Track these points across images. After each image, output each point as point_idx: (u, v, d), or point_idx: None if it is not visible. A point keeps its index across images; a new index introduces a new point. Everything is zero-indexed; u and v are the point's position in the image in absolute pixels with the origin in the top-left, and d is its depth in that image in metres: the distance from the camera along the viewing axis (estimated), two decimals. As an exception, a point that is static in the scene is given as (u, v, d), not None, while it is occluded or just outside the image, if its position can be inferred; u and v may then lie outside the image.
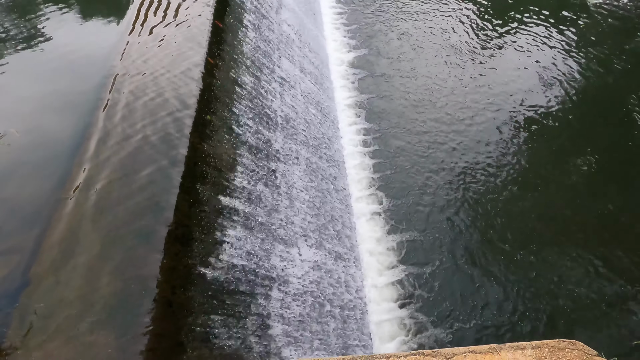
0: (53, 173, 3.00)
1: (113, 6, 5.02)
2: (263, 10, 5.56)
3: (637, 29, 8.26)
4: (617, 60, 7.48)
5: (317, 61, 6.59)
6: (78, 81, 3.97)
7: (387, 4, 8.80)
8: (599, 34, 8.07)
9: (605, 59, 7.47)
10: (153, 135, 2.97)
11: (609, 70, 7.29)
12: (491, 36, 8.00)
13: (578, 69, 7.24)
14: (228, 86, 3.83)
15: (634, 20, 8.48)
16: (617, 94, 6.88)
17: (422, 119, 6.30)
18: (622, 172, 5.59)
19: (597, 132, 6.23)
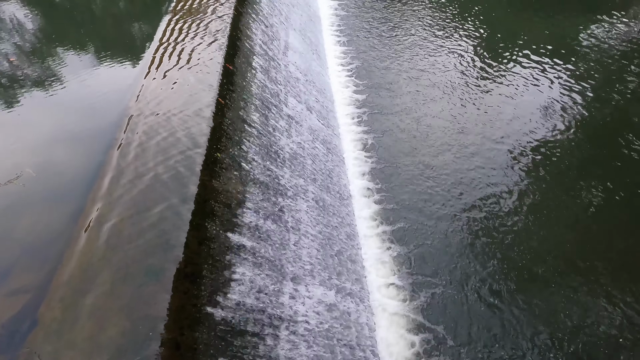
0: (66, 210, 3.07)
1: (130, 52, 5.33)
2: (271, 53, 5.86)
3: (628, 62, 8.52)
4: (614, 91, 7.67)
5: (322, 99, 6.82)
6: (94, 121, 4.15)
7: (388, 45, 9.22)
8: (593, 67, 8.33)
9: (602, 91, 7.66)
10: (165, 174, 3.05)
11: (607, 102, 7.45)
12: (489, 72, 8.27)
13: (577, 102, 7.41)
14: (238, 125, 3.97)
15: (627, 53, 8.77)
16: (616, 125, 6.99)
17: (425, 153, 6.39)
18: (627, 203, 5.57)
19: (601, 164, 6.26)
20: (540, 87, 7.80)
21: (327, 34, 9.60)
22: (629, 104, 7.47)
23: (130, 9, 6.97)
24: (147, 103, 3.84)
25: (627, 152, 6.38)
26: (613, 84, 7.92)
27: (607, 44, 9.12)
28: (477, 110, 7.28)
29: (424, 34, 9.55)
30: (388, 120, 7.06)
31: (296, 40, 7.34)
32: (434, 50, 8.94)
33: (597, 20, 10.05)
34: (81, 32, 5.95)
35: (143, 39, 5.51)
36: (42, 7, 6.76)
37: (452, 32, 9.62)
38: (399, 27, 9.84)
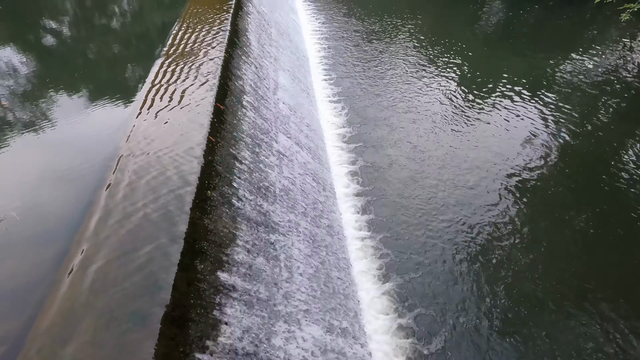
0: (50, 254, 2.97)
1: (122, 94, 5.43)
2: (261, 92, 6.04)
3: (601, 95, 8.99)
4: (592, 122, 8.02)
5: (312, 134, 6.96)
6: (83, 162, 4.13)
7: (374, 81, 9.61)
8: (569, 100, 8.76)
9: (580, 122, 8.00)
10: (154, 213, 3.01)
11: (585, 132, 7.77)
12: (472, 106, 8.62)
13: (557, 133, 7.71)
14: (228, 162, 4.00)
15: (599, 86, 9.28)
16: (598, 154, 7.24)
17: (414, 185, 6.47)
18: (615, 228, 5.67)
19: (587, 191, 6.42)
20: (521, 119, 8.12)
21: (316, 73, 9.98)
22: (607, 133, 7.81)
23: (124, 53, 7.20)
24: (137, 143, 3.86)
25: (610, 179, 6.58)
26: (590, 115, 8.31)
27: (580, 78, 9.68)
28: (463, 142, 7.50)
29: (407, 71, 10.01)
30: (376, 153, 7.20)
31: (285, 79, 7.61)
32: (417, 87, 9.33)
33: (567, 56, 10.72)
34: (75, 75, 6.07)
35: (135, 81, 5.64)
36: (37, 52, 6.93)
37: (433, 69, 10.11)
38: (383, 65, 10.31)
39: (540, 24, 13.35)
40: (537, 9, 14.30)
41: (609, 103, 8.76)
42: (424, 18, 13.53)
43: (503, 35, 12.75)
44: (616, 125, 8.15)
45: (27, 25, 8.04)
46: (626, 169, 6.78)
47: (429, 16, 13.90)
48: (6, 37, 7.38)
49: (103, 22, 8.50)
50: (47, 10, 8.94)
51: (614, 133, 7.88)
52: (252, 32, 7.47)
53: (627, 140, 7.69)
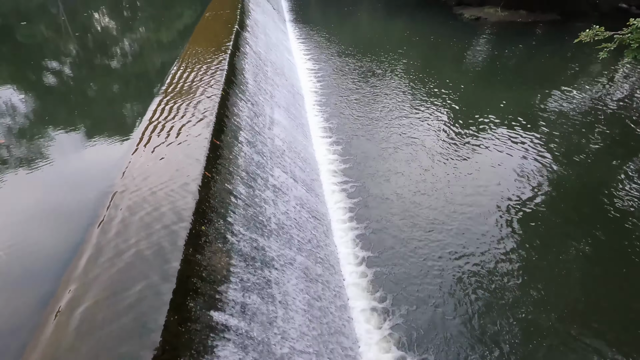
0: (36, 294, 2.87)
1: (120, 131, 5.51)
2: (257, 128, 6.15)
3: (587, 128, 9.26)
4: (580, 154, 8.19)
5: (307, 168, 7.02)
6: (77, 198, 4.10)
7: (367, 117, 9.86)
8: (556, 132, 9.00)
9: (568, 153, 8.17)
10: (147, 250, 2.95)
11: (574, 163, 7.91)
12: (462, 139, 8.81)
13: (547, 164, 7.84)
14: (224, 197, 3.98)
15: (584, 119, 9.59)
16: (588, 185, 7.33)
17: (409, 218, 6.45)
18: (612, 256, 5.64)
19: (580, 222, 6.43)
20: (513, 150, 8.29)
21: (310, 109, 10.25)
22: (598, 162, 7.96)
23: (124, 91, 7.39)
24: (132, 179, 3.86)
25: (605, 207, 6.61)
26: (579, 146, 8.51)
27: (566, 110, 10.01)
28: (456, 173, 7.58)
29: (399, 106, 10.31)
30: (371, 186, 7.24)
31: (281, 115, 7.79)
32: (409, 122, 9.57)
33: (553, 90, 11.15)
34: (74, 113, 6.18)
35: (133, 118, 5.75)
36: (38, 91, 7.09)
37: (424, 103, 10.43)
38: (375, 101, 10.63)
39: (525, 61, 14.00)
40: (522, 48, 15.06)
41: (597, 134, 9.01)
42: (413, 56, 14.16)
43: (490, 72, 13.32)
44: (606, 154, 8.33)
45: (31, 66, 8.28)
46: (619, 197, 6.85)
47: (417, 54, 14.56)
48: (9, 78, 7.58)
49: (105, 62, 8.79)
50: (51, 52, 9.27)
51: (604, 162, 8.04)
52: (248, 71, 7.74)
53: (618, 169, 7.84)
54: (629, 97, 11.03)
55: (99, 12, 13.40)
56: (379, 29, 18.15)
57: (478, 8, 19.51)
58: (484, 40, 16.38)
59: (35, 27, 10.79)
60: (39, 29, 10.67)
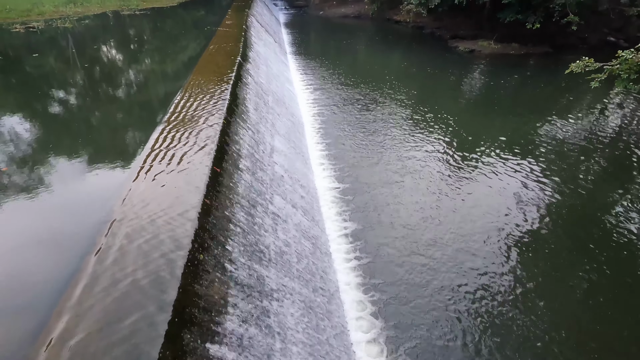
0: (27, 325, 2.78)
1: (122, 158, 5.56)
2: (257, 155, 6.22)
3: (584, 155, 9.36)
4: (578, 180, 8.22)
5: (307, 196, 7.02)
6: (75, 226, 4.07)
7: (365, 144, 9.99)
8: (554, 160, 9.08)
9: (567, 180, 8.20)
10: (143, 279, 2.89)
11: (573, 189, 7.93)
12: (461, 167, 8.88)
13: (546, 191, 7.86)
14: (223, 224, 3.96)
15: (581, 147, 9.70)
16: (587, 211, 7.32)
17: (409, 245, 6.38)
18: (616, 284, 5.53)
19: (583, 245, 6.37)
20: (511, 178, 8.33)
21: (310, 137, 10.39)
22: (595, 189, 7.98)
23: (127, 120, 7.52)
24: (132, 206, 3.85)
25: (604, 234, 6.56)
26: (576, 172, 8.56)
27: (562, 138, 10.16)
28: (455, 203, 7.58)
29: (398, 135, 10.47)
30: (371, 213, 7.21)
31: (281, 143, 7.89)
32: (407, 150, 9.68)
33: (549, 119, 11.37)
34: (78, 141, 6.27)
35: (136, 146, 5.82)
36: (43, 120, 7.22)
37: (422, 132, 10.59)
38: (374, 129, 10.81)
39: (520, 90, 14.37)
40: (517, 78, 15.51)
41: (594, 161, 9.09)
42: (411, 86, 14.55)
43: (487, 101, 13.63)
44: (604, 181, 8.37)
45: (37, 95, 8.49)
46: (619, 223, 6.81)
47: (415, 84, 14.96)
48: (15, 107, 7.74)
49: (110, 92, 9.02)
50: (58, 82, 9.53)
51: (603, 189, 8.06)
52: (250, 100, 7.92)
53: (616, 196, 7.84)
54: (623, 124, 11.24)
55: (107, 45, 13.91)
56: (376, 61, 18.76)
57: (472, 41, 20.27)
58: (479, 71, 16.89)
59: (44, 58, 11.16)
60: (48, 60, 11.02)
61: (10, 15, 16.18)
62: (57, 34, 14.25)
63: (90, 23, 16.38)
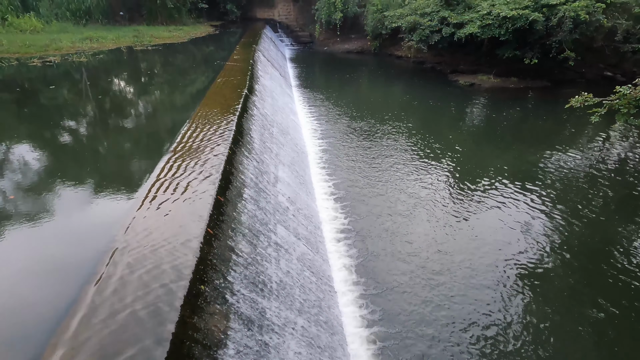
0: (20, 358, 2.70)
1: (127, 187, 5.61)
2: (261, 185, 6.25)
3: (589, 186, 9.31)
4: (586, 212, 8.12)
5: (310, 226, 6.97)
6: (76, 255, 4.04)
7: (369, 175, 10.04)
8: (559, 191, 9.02)
9: (574, 212, 8.11)
10: (142, 310, 2.83)
11: (584, 219, 7.82)
12: (465, 197, 8.84)
13: (552, 223, 7.75)
14: (225, 254, 3.92)
15: (587, 178, 9.67)
16: (596, 244, 7.17)
17: (415, 277, 6.24)
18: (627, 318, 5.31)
19: (594, 279, 6.18)
20: (516, 210, 8.25)
21: (314, 167, 10.48)
22: (602, 222, 7.86)
23: (134, 149, 7.67)
24: (135, 235, 3.84)
25: (615, 267, 6.39)
26: (582, 205, 8.47)
27: (566, 170, 10.16)
28: (460, 235, 7.48)
29: (400, 166, 10.54)
30: (375, 245, 7.11)
31: (285, 173, 7.95)
32: (410, 182, 9.71)
33: (552, 151, 11.43)
34: (85, 169, 6.36)
35: (141, 175, 5.88)
36: (52, 149, 7.37)
37: (425, 163, 10.66)
38: (377, 159, 10.90)
39: (521, 123, 14.57)
40: (518, 110, 15.78)
41: (599, 193, 9.03)
42: (413, 118, 14.82)
43: (489, 133, 13.80)
44: (610, 213, 8.26)
45: (49, 125, 8.73)
46: (627, 256, 6.65)
47: (417, 116, 15.24)
48: (26, 136, 7.94)
49: (119, 122, 9.26)
50: (69, 113, 9.82)
51: (609, 221, 7.94)
52: (255, 131, 8.09)
53: (623, 228, 7.71)
54: (627, 156, 11.26)
55: (119, 77, 14.45)
56: (379, 93, 19.25)
57: (472, 75, 20.85)
58: (480, 103, 17.24)
59: (57, 90, 11.57)
60: (61, 92, 11.43)
61: (29, 50, 16.98)
62: (72, 67, 14.87)
63: (104, 57, 17.12)
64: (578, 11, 16.23)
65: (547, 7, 16.96)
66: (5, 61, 15.02)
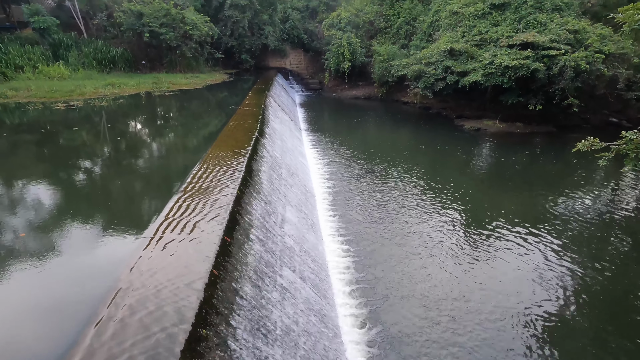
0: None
1: (136, 225, 5.64)
2: (268, 226, 6.23)
3: (602, 232, 9.03)
4: (603, 256, 7.81)
5: (317, 269, 6.82)
6: (78, 294, 3.99)
7: (377, 218, 9.95)
8: (571, 236, 8.76)
9: (588, 259, 7.80)
10: (140, 356, 2.72)
11: (600, 265, 7.49)
12: (476, 242, 8.63)
13: (570, 267, 7.45)
14: (229, 297, 3.82)
15: (599, 223, 9.41)
16: (615, 288, 6.82)
17: (426, 328, 5.94)
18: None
19: (615, 328, 5.79)
20: (528, 256, 7.99)
21: (321, 208, 10.47)
22: (619, 270, 7.52)
23: (146, 189, 7.81)
24: (140, 275, 3.80)
25: (634, 321, 6.00)
26: (597, 252, 8.18)
27: (578, 214, 9.94)
28: (473, 280, 7.21)
29: (408, 209, 10.46)
30: (383, 291, 6.88)
31: (292, 214, 7.94)
32: (418, 225, 9.57)
33: (562, 195, 11.28)
34: (97, 208, 6.46)
35: (150, 214, 5.94)
36: (66, 188, 7.56)
37: (433, 207, 10.57)
38: (385, 202, 10.86)
39: (531, 167, 14.55)
40: (527, 155, 15.84)
41: (615, 239, 8.75)
42: (421, 162, 14.95)
43: (498, 177, 13.77)
44: (628, 259, 7.93)
45: (65, 165, 9.02)
46: (656, 311, 6.26)
47: (425, 159, 15.38)
48: (42, 175, 8.19)
49: (132, 163, 9.53)
50: (86, 153, 10.18)
51: (628, 268, 7.59)
52: (264, 172, 8.22)
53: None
54: None
55: (136, 120, 15.11)
56: (386, 137, 19.64)
57: (477, 120, 21.27)
58: (487, 147, 17.39)
59: (77, 132, 12.10)
60: (81, 134, 11.93)
61: (55, 95, 18.04)
62: (93, 111, 15.64)
63: (124, 102, 18.04)
64: (578, 61, 16.80)
65: (548, 57, 17.62)
66: (32, 105, 15.91)
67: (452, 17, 23.29)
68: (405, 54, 27.01)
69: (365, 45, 31.62)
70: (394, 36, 30.75)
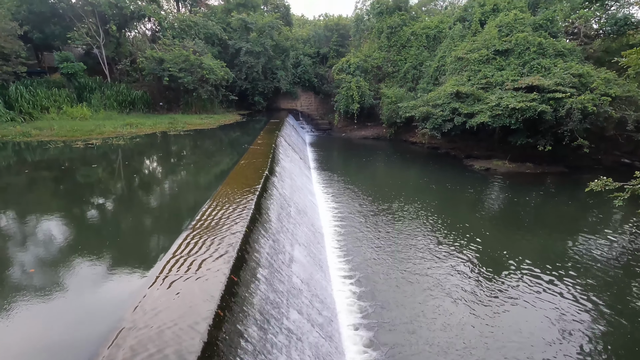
0: None
1: (143, 262, 5.61)
2: (276, 265, 6.13)
3: (623, 274, 8.59)
4: (622, 302, 7.36)
5: (325, 311, 6.58)
6: (80, 334, 3.90)
7: (387, 258, 9.71)
8: (591, 278, 8.34)
9: (609, 302, 7.37)
10: (138, 402, 2.59)
11: (620, 312, 7.05)
12: (491, 285, 8.28)
13: (590, 311, 7.03)
14: (233, 340, 3.69)
15: (619, 264, 8.99)
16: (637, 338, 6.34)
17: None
18: None
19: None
20: (544, 300, 7.61)
21: (330, 247, 10.30)
22: None
23: (155, 226, 7.85)
24: (143, 314, 3.72)
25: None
26: (618, 297, 7.74)
27: (596, 258, 9.55)
28: (489, 325, 6.84)
29: (419, 250, 10.21)
30: (394, 335, 6.54)
31: (301, 253, 7.83)
32: (429, 267, 9.29)
33: (578, 236, 10.93)
34: (105, 244, 6.48)
35: (158, 251, 5.93)
36: (77, 223, 7.65)
37: (445, 247, 10.31)
38: (395, 242, 10.64)
39: (545, 207, 14.27)
40: (541, 195, 15.60)
41: (634, 283, 8.30)
42: (432, 200, 14.81)
43: (511, 217, 13.49)
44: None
45: (79, 201, 9.21)
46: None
47: (435, 199, 15.24)
48: (56, 211, 8.34)
49: (144, 200, 9.67)
50: (100, 189, 10.41)
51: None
52: (273, 210, 8.23)
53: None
54: (662, 246, 10.58)
55: (150, 158, 15.55)
56: (395, 176, 19.69)
57: (487, 160, 21.29)
58: (498, 187, 17.23)
59: (94, 169, 12.46)
60: (97, 171, 12.28)
61: (75, 134, 18.86)
62: (110, 149, 16.21)
63: (140, 141, 18.70)
64: (585, 103, 17.01)
65: (554, 99, 17.91)
66: (53, 143, 16.62)
67: (457, 62, 24.19)
68: (413, 97, 27.82)
69: (373, 88, 32.79)
70: (401, 80, 31.90)
